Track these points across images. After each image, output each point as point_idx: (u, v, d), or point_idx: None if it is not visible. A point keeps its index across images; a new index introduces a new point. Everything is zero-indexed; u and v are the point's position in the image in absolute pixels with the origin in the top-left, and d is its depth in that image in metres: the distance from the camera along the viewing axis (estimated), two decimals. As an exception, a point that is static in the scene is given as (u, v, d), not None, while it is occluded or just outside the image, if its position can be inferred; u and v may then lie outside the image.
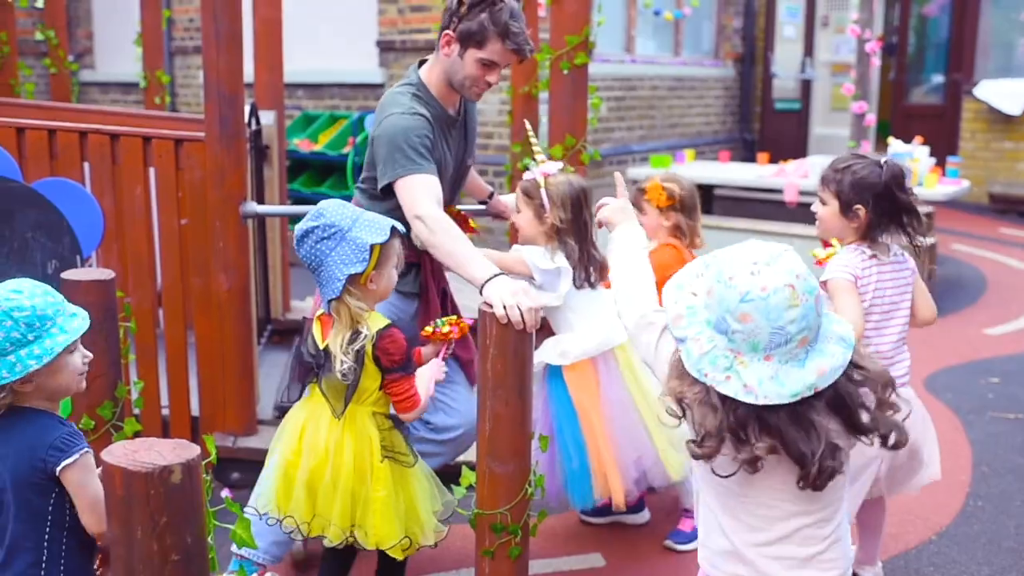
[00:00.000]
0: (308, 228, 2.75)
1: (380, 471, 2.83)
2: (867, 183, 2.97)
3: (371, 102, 9.69)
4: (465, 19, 3.14)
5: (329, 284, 2.73)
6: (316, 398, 2.87)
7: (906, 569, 3.56)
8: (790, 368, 1.81)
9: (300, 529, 2.84)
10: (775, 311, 1.79)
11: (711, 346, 1.85)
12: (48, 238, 3.93)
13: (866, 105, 8.30)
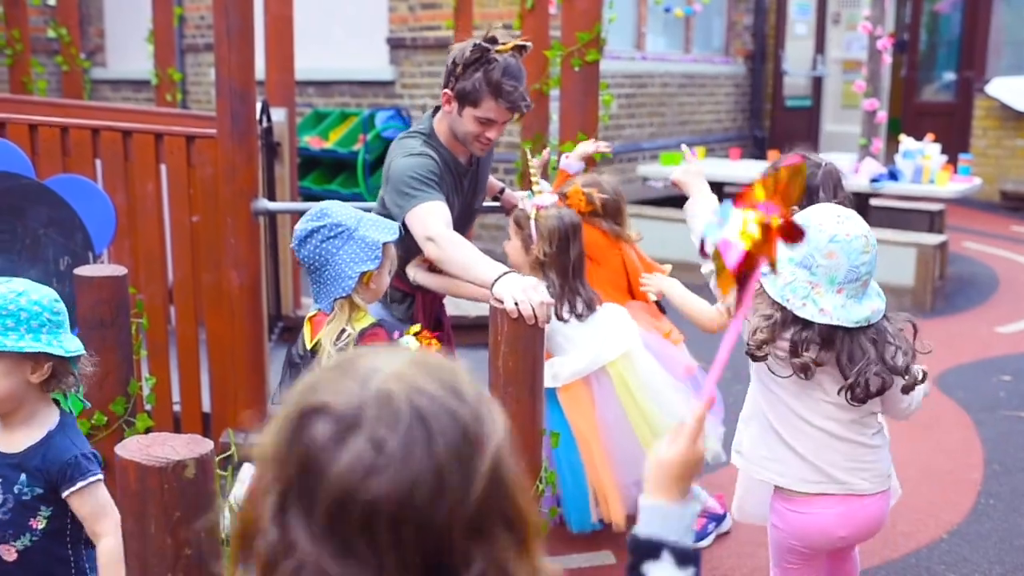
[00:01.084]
0: (313, 228, 2.75)
1: None
2: (808, 184, 2.95)
3: (381, 99, 9.70)
4: (461, 78, 3.19)
5: (337, 282, 2.74)
6: None
7: (917, 567, 3.56)
8: (853, 303, 2.30)
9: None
10: (854, 253, 2.27)
11: (792, 278, 2.29)
12: (60, 234, 3.95)
13: (877, 102, 8.28)
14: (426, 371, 1.05)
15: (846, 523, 2.50)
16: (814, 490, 2.46)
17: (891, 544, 3.71)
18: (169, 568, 1.59)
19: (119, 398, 3.13)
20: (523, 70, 3.25)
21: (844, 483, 2.46)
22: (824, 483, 2.45)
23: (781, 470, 2.48)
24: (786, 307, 2.30)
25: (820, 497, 2.46)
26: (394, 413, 0.99)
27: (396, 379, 1.02)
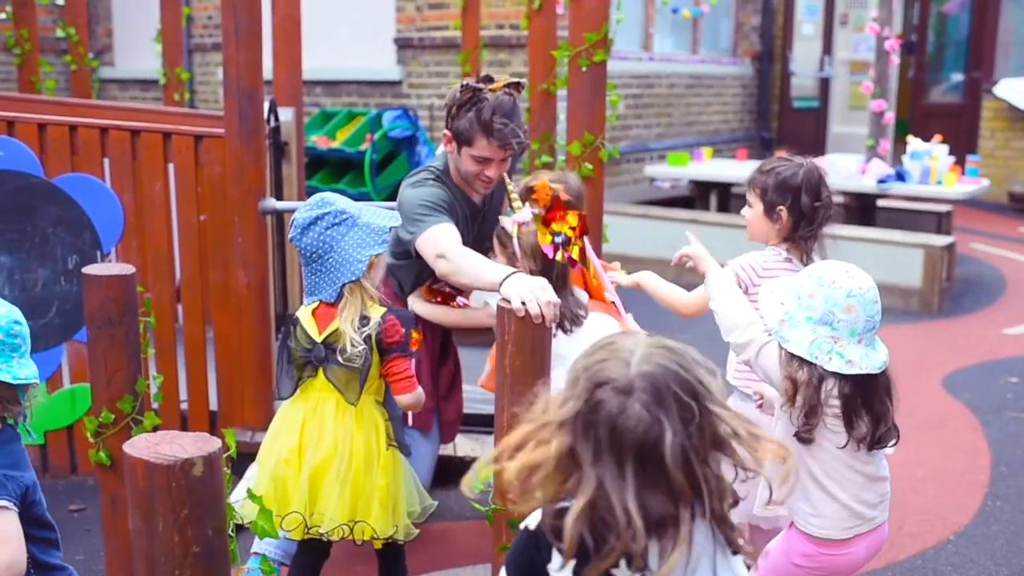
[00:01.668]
0: (316, 215, 2.77)
1: (385, 459, 2.87)
2: (788, 184, 3.01)
3: (388, 99, 9.71)
4: (456, 119, 3.24)
5: (345, 267, 2.77)
6: (313, 392, 2.87)
7: (924, 569, 3.55)
8: (870, 350, 2.40)
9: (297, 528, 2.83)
10: (869, 303, 2.38)
11: (814, 336, 2.36)
12: (69, 233, 3.96)
13: (885, 103, 8.27)
14: (664, 350, 1.53)
15: (870, 552, 2.60)
16: (851, 534, 2.51)
17: (897, 546, 3.71)
18: (177, 566, 1.59)
19: (127, 396, 3.13)
20: (517, 107, 3.27)
21: (873, 519, 2.54)
22: (860, 525, 2.52)
23: (825, 524, 2.51)
24: (814, 364, 2.37)
25: (856, 537, 2.53)
26: (653, 384, 1.48)
27: (646, 359, 1.51)
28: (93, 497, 3.84)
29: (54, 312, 4.01)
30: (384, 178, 8.81)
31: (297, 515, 2.82)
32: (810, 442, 2.43)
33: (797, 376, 2.39)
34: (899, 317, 7.01)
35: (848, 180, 8.16)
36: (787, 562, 2.59)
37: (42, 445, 4.16)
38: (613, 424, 1.46)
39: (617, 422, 1.46)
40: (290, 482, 2.83)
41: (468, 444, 4.06)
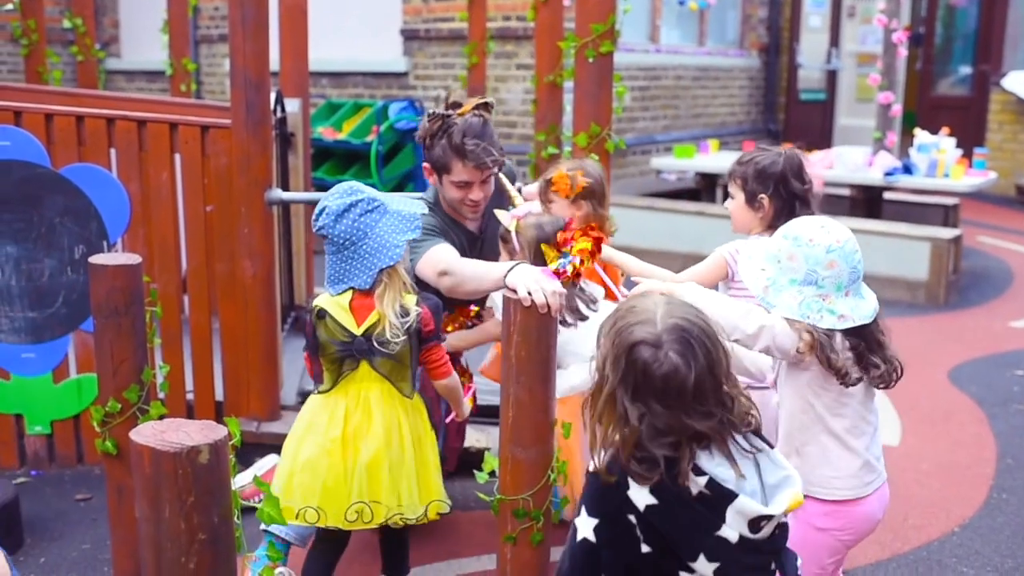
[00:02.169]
0: (350, 202, 2.75)
1: (429, 436, 2.92)
2: (768, 172, 3.03)
3: (395, 91, 9.70)
4: (431, 150, 3.27)
5: (382, 252, 2.76)
6: (355, 384, 2.84)
7: (928, 560, 3.55)
8: (858, 300, 2.43)
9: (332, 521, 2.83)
10: (850, 255, 2.39)
11: (801, 297, 2.40)
12: (75, 223, 3.98)
13: (892, 95, 8.24)
14: (679, 304, 1.90)
15: (883, 508, 2.63)
16: (870, 489, 2.54)
17: (902, 537, 3.71)
18: (183, 552, 1.60)
19: (133, 385, 3.14)
20: (488, 126, 3.29)
21: (881, 473, 2.59)
22: (875, 479, 2.56)
23: (848, 484, 2.53)
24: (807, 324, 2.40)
25: (872, 494, 2.57)
26: (679, 337, 1.81)
27: (668, 314, 1.85)
28: (99, 487, 3.86)
29: (60, 302, 4.02)
30: (390, 169, 8.81)
31: (355, 505, 2.82)
32: (858, 382, 2.45)
33: (814, 335, 2.41)
34: (905, 310, 7.00)
35: (855, 172, 8.14)
36: (815, 532, 2.57)
37: (49, 435, 4.18)
38: (649, 372, 1.79)
39: (652, 370, 1.79)
40: (334, 473, 2.80)
41: (475, 435, 4.06)
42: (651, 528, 1.80)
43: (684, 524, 1.79)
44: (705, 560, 1.79)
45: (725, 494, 1.78)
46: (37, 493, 3.99)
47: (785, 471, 1.90)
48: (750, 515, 1.79)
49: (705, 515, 1.79)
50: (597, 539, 1.84)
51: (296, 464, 2.85)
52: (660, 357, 1.79)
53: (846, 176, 8.23)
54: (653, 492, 1.79)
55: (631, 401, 1.81)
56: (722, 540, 1.79)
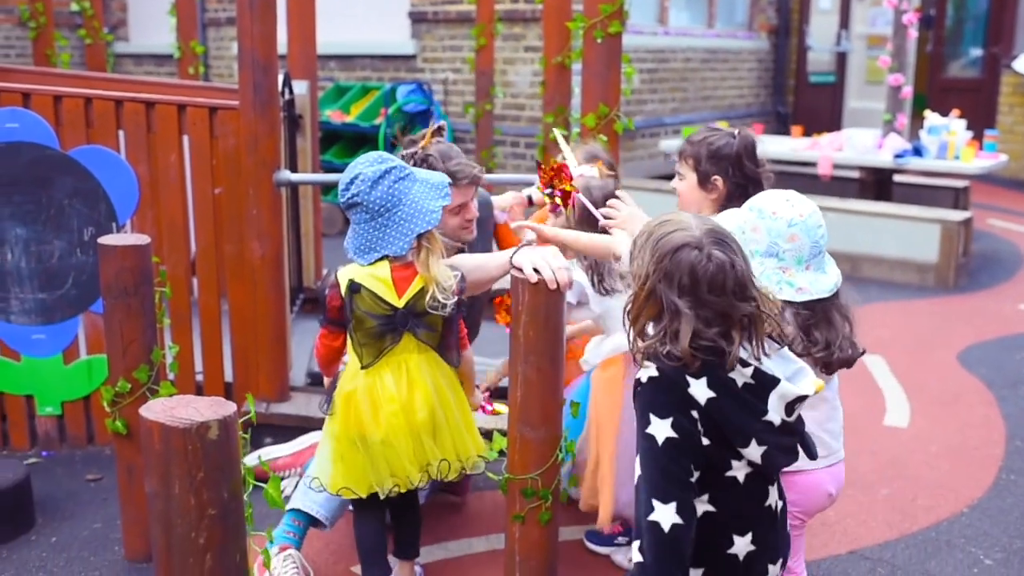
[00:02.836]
0: (384, 169, 2.72)
1: (463, 396, 2.94)
2: (722, 153, 2.97)
3: (403, 73, 9.68)
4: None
5: (419, 217, 2.73)
6: (394, 356, 2.79)
7: (937, 541, 3.55)
8: (819, 274, 2.44)
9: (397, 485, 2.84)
10: (812, 229, 2.41)
11: (762, 268, 2.40)
12: (84, 205, 3.98)
13: (902, 77, 8.20)
14: (710, 219, 2.09)
15: (837, 487, 2.64)
16: (820, 464, 2.54)
17: (911, 517, 3.71)
18: (193, 527, 1.61)
19: (143, 366, 3.16)
20: (452, 145, 3.37)
21: (837, 451, 2.62)
22: (827, 456, 2.57)
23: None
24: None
25: (824, 468, 2.59)
26: (717, 239, 1.99)
27: (701, 221, 2.05)
28: (110, 467, 3.87)
29: (70, 284, 4.03)
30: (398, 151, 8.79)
31: (432, 465, 2.84)
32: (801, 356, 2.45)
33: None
34: (915, 292, 6.98)
35: (864, 155, 8.11)
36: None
37: (59, 416, 4.20)
38: (695, 271, 1.95)
39: (698, 269, 1.95)
40: (404, 444, 2.79)
41: (483, 416, 4.06)
42: (710, 420, 1.96)
43: (738, 412, 1.97)
44: (756, 444, 1.98)
45: (769, 381, 1.98)
46: (48, 473, 4.01)
47: (797, 364, 2.09)
48: (789, 398, 1.99)
49: (753, 403, 1.98)
50: (680, 435, 1.95)
51: (367, 445, 2.80)
52: (704, 257, 1.95)
53: (856, 158, 8.20)
54: (710, 386, 1.96)
55: (679, 296, 1.96)
56: (768, 424, 1.99)
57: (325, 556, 3.39)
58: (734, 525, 2.03)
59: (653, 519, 1.93)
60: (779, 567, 2.14)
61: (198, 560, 1.62)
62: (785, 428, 2.02)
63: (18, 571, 3.33)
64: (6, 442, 4.22)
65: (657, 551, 1.93)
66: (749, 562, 2.05)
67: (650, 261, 2.00)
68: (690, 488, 1.97)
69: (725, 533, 2.03)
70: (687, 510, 1.95)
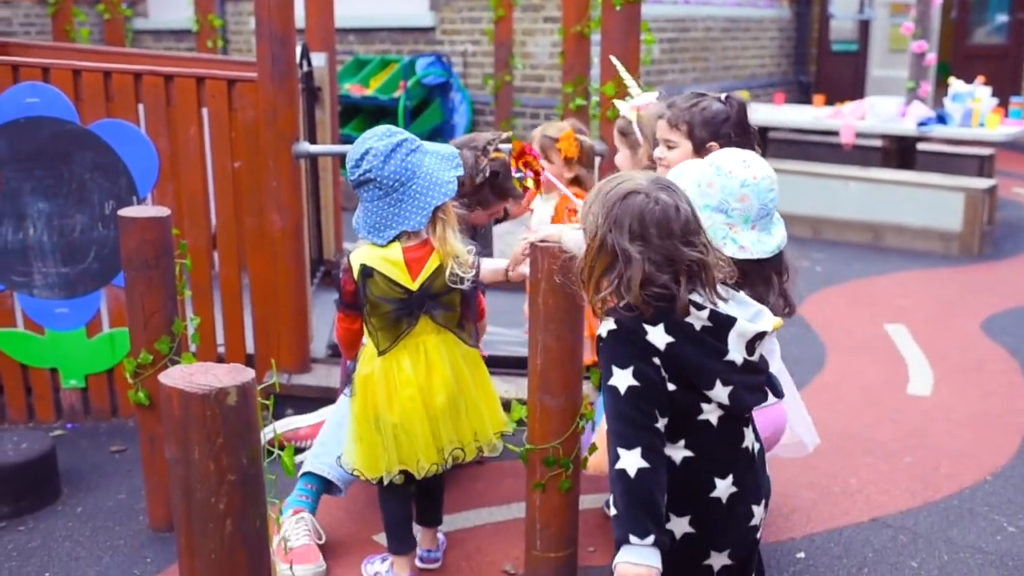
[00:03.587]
0: (395, 143, 2.65)
1: (484, 370, 2.91)
2: (719, 119, 2.89)
3: (422, 46, 9.65)
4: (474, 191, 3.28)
5: (434, 189, 2.66)
6: (411, 338, 2.75)
7: (959, 508, 3.54)
8: (764, 235, 2.51)
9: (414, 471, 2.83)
10: (763, 192, 2.47)
11: (711, 222, 2.45)
12: (105, 179, 4.00)
13: (926, 44, 8.10)
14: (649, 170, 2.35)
15: (771, 434, 2.68)
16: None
17: (933, 486, 3.69)
18: (212, 493, 1.62)
19: (164, 337, 3.18)
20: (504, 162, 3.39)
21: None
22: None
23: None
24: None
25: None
26: (663, 185, 2.07)
27: (645, 174, 2.12)
28: (133, 439, 3.91)
29: (92, 257, 4.06)
30: (418, 125, 8.79)
31: (451, 451, 2.83)
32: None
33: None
34: (939, 261, 6.93)
35: (887, 123, 8.03)
36: None
37: (83, 389, 4.23)
38: (644, 213, 2.00)
39: (647, 211, 2.00)
40: (423, 428, 2.77)
41: (503, 385, 4.07)
42: (673, 365, 2.01)
43: (699, 354, 2.01)
44: (720, 385, 2.03)
45: (725, 321, 2.03)
46: (73, 446, 4.05)
47: (755, 307, 2.13)
48: (748, 335, 2.04)
49: (713, 343, 2.02)
50: (642, 383, 1.98)
51: (381, 428, 2.78)
52: (652, 201, 2.01)
53: (878, 126, 8.12)
54: (668, 331, 2.00)
55: (630, 242, 2.00)
56: (731, 364, 2.03)
57: (348, 525, 3.42)
58: (713, 468, 2.08)
59: (619, 467, 1.96)
60: (763, 508, 2.19)
61: (218, 525, 1.63)
62: (748, 367, 2.06)
63: (45, 541, 3.37)
64: (32, 415, 4.26)
65: (626, 498, 1.96)
66: (732, 504, 2.10)
67: (600, 213, 2.05)
68: (655, 432, 1.99)
69: (706, 477, 2.07)
70: (653, 453, 1.97)
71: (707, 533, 2.09)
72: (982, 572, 3.15)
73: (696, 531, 2.08)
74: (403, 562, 3.01)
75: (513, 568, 3.15)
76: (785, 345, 4.99)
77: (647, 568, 1.92)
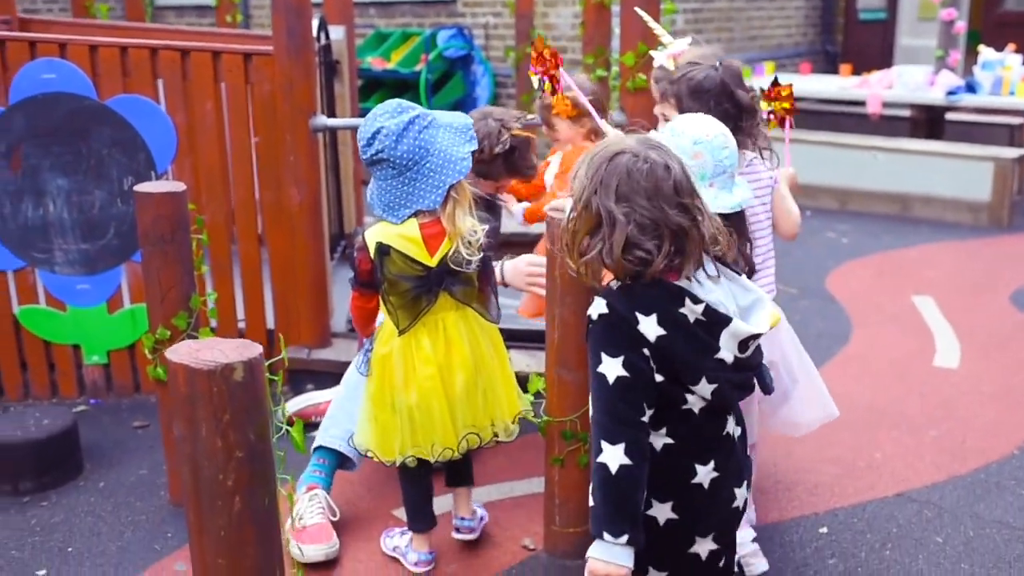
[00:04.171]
0: (407, 120, 2.58)
1: (503, 350, 2.87)
2: (704, 87, 2.82)
3: (443, 19, 9.58)
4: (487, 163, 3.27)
5: (449, 166, 2.60)
6: (429, 316, 2.71)
7: (987, 483, 3.49)
8: (725, 193, 2.54)
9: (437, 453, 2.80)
10: (717, 149, 2.49)
11: None
12: (124, 155, 3.99)
13: (955, 12, 7.96)
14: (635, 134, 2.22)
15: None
16: None
17: (960, 459, 3.64)
18: (220, 470, 1.60)
19: (181, 312, 3.17)
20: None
21: None
22: None
23: None
24: None
25: None
26: (654, 145, 2.01)
27: (632, 136, 2.10)
28: (155, 415, 3.91)
29: (112, 233, 4.06)
30: (440, 98, 8.74)
31: (466, 435, 2.80)
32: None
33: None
34: (967, 232, 6.82)
35: (915, 92, 7.90)
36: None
37: (106, 365, 4.25)
38: (632, 171, 1.94)
39: (635, 169, 1.94)
40: (441, 410, 2.74)
41: (522, 359, 4.03)
42: (662, 357, 1.96)
43: (689, 349, 1.96)
44: (705, 382, 1.98)
45: (720, 319, 1.97)
46: (96, 421, 4.07)
47: (755, 294, 2.08)
48: (741, 336, 1.99)
49: (705, 339, 1.97)
50: (631, 374, 1.94)
51: (397, 409, 2.75)
52: (640, 159, 1.96)
53: (906, 96, 7.99)
54: (660, 323, 1.94)
55: (616, 203, 1.94)
56: (720, 361, 1.98)
57: (367, 499, 3.41)
58: (695, 455, 2.05)
59: (601, 460, 1.94)
60: (745, 489, 2.17)
61: (227, 503, 1.62)
62: (739, 364, 2.02)
63: (67, 516, 3.39)
64: (55, 391, 4.28)
65: (604, 494, 1.94)
66: (714, 489, 2.07)
67: (586, 175, 2.00)
68: (641, 427, 1.96)
69: (687, 463, 2.04)
70: (637, 451, 1.94)
71: (690, 519, 2.07)
72: (1008, 548, 3.10)
73: (679, 517, 2.05)
74: (422, 539, 3.00)
75: (532, 543, 3.13)
76: (810, 317, 4.96)
77: (617, 567, 1.92)
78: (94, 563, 3.12)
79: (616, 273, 1.98)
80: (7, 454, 3.54)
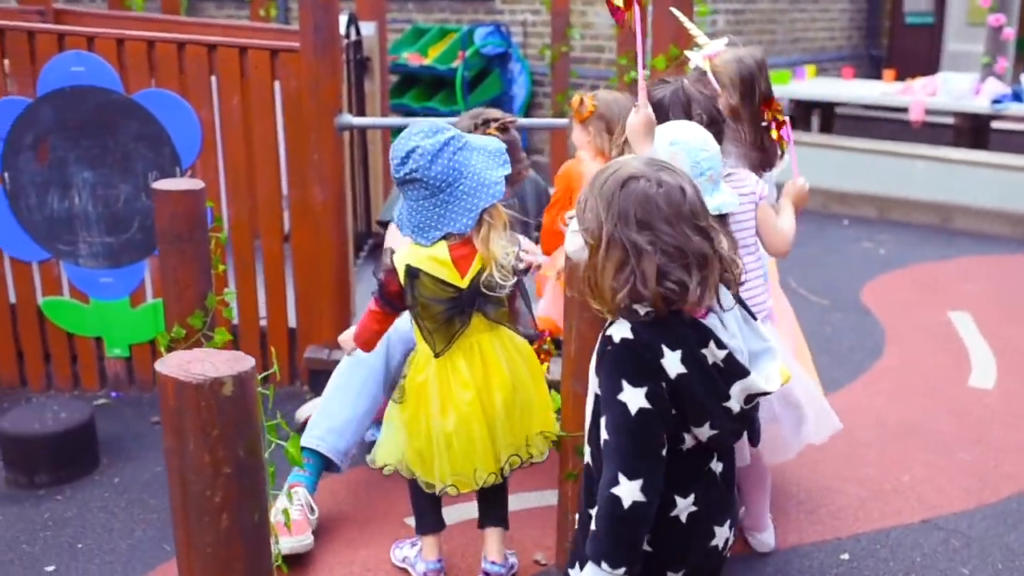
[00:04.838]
0: (443, 141, 2.52)
1: (539, 370, 2.80)
2: (663, 105, 2.71)
3: (481, 15, 9.52)
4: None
5: (482, 190, 2.54)
6: (463, 338, 2.65)
7: (1019, 512, 3.37)
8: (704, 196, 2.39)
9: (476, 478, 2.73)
10: (694, 151, 2.44)
11: None
12: (149, 149, 3.98)
13: (1004, 18, 7.78)
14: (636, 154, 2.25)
15: None
16: None
17: (991, 486, 3.53)
18: (208, 486, 1.56)
19: (197, 311, 3.13)
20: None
21: None
22: None
23: None
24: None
25: None
26: (661, 166, 1.96)
27: (637, 158, 2.03)
28: (173, 410, 3.89)
29: (136, 228, 4.04)
30: (476, 96, 8.69)
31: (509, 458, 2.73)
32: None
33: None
34: (1008, 246, 6.66)
35: (960, 100, 7.73)
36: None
37: (127, 358, 4.24)
38: (648, 197, 1.88)
39: (651, 195, 1.89)
40: (477, 432, 2.67)
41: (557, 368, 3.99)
42: (676, 395, 1.91)
43: (702, 392, 1.92)
44: (708, 427, 1.95)
45: (738, 370, 1.93)
46: (116, 415, 4.06)
47: (767, 343, 2.03)
48: (752, 391, 1.95)
49: (719, 386, 1.93)
50: (655, 406, 1.90)
51: (435, 437, 2.68)
52: (654, 184, 1.90)
53: (950, 104, 7.83)
54: (683, 361, 1.89)
55: (638, 232, 1.88)
56: (727, 410, 1.94)
57: (378, 507, 3.37)
58: (675, 488, 1.99)
59: (614, 492, 1.88)
60: (727, 529, 2.09)
61: (214, 519, 1.57)
62: (742, 416, 1.98)
63: (80, 510, 3.37)
64: (77, 383, 4.28)
65: (610, 525, 1.90)
66: (692, 523, 2.02)
67: (599, 207, 1.92)
68: (661, 462, 1.92)
69: (667, 495, 1.97)
70: (652, 489, 1.89)
71: (665, 552, 2.02)
72: (1038, 579, 3.00)
73: (653, 550, 2.00)
74: (431, 542, 2.95)
75: (544, 558, 3.07)
76: (842, 330, 4.86)
77: None
78: (103, 560, 3.10)
79: (655, 304, 1.89)
80: (24, 447, 3.54)
